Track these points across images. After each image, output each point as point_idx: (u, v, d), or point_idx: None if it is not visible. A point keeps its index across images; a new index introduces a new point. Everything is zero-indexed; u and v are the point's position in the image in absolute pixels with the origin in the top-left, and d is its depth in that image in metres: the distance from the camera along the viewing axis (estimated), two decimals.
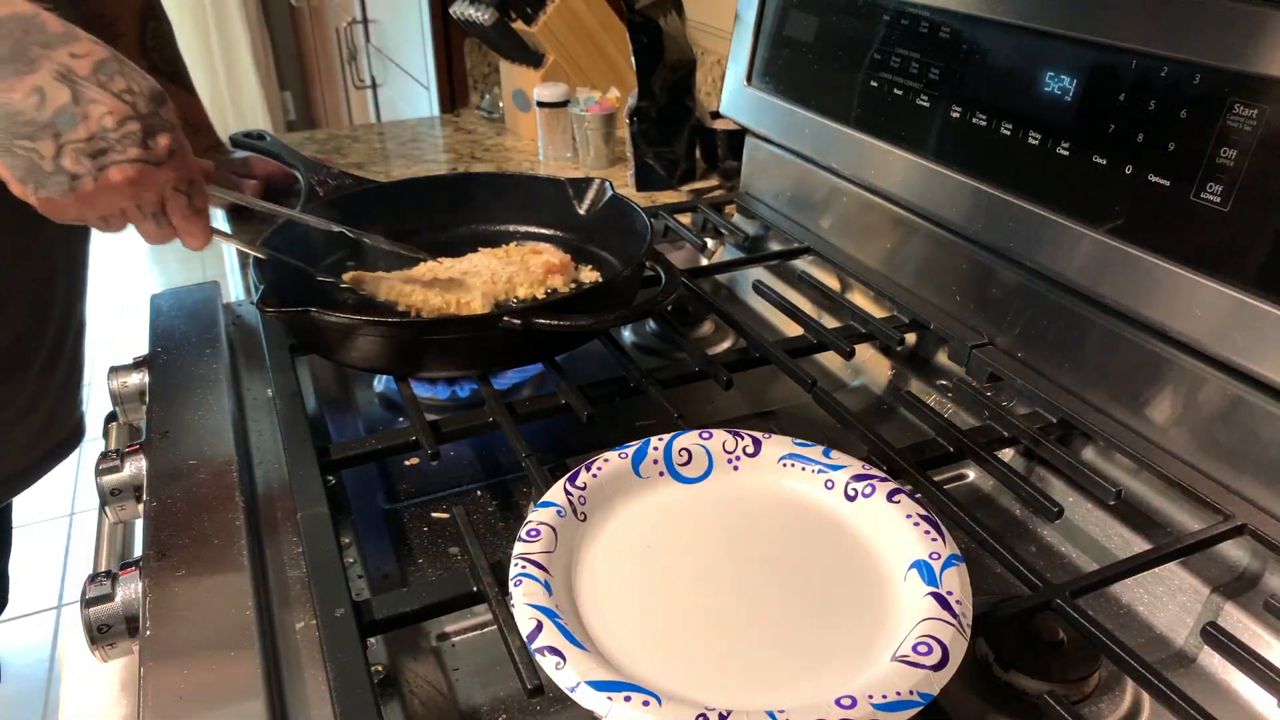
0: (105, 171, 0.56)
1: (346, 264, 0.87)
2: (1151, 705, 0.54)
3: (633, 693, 0.41)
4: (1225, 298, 0.57)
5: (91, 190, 0.56)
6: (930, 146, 0.79)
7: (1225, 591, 0.58)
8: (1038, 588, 0.54)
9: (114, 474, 0.67)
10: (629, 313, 0.74)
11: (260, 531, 0.61)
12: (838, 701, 0.41)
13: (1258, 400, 0.57)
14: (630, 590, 0.50)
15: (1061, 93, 0.67)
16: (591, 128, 1.34)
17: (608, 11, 1.49)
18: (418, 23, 1.95)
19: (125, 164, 0.56)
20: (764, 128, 1.03)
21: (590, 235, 0.92)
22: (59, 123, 0.54)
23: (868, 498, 0.55)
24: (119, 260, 3.85)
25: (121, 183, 0.56)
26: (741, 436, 0.59)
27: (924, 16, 0.79)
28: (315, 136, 1.57)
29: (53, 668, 1.91)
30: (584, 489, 0.55)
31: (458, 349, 0.72)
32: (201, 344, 0.80)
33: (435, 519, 0.69)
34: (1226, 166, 0.56)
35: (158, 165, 0.57)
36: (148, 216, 0.61)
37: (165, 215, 0.62)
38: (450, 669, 0.57)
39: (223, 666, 0.50)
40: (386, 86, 2.49)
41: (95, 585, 0.56)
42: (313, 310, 0.69)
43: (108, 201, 0.57)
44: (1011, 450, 0.72)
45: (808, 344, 0.80)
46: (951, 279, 0.80)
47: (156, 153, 0.57)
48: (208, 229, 0.65)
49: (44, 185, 0.55)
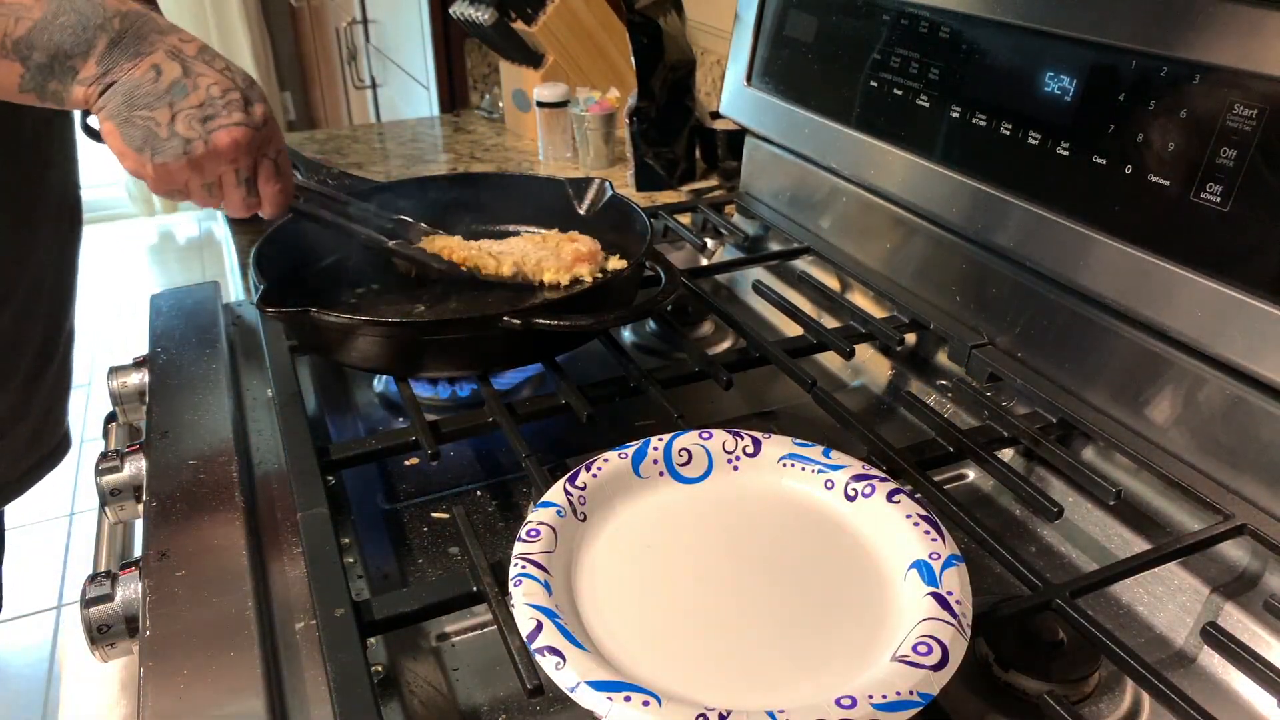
0: (214, 135, 0.62)
1: (347, 264, 0.87)
2: (1151, 705, 0.54)
3: (633, 693, 0.41)
4: (1225, 298, 0.57)
5: (201, 154, 0.62)
6: (930, 146, 0.79)
7: (1225, 591, 0.58)
8: (1038, 588, 0.54)
9: (114, 474, 0.67)
10: (629, 313, 0.74)
11: (260, 531, 0.61)
12: (838, 701, 0.41)
13: (1257, 400, 0.57)
14: (630, 590, 0.50)
15: (1061, 93, 0.67)
16: (591, 128, 1.34)
17: (608, 11, 1.49)
18: (418, 23, 1.95)
19: (231, 126, 0.63)
20: (764, 128, 1.03)
21: (590, 235, 0.92)
22: (173, 93, 0.61)
23: (867, 498, 0.55)
24: (119, 260, 3.85)
25: (228, 145, 0.63)
26: (741, 436, 0.59)
27: (924, 16, 0.79)
28: (315, 136, 1.57)
29: (53, 668, 1.91)
30: (584, 489, 0.55)
31: (458, 349, 0.72)
32: (201, 344, 0.80)
33: (435, 519, 0.69)
34: (1226, 166, 0.56)
35: (256, 130, 0.64)
36: (241, 183, 0.66)
37: (255, 182, 0.67)
38: (450, 669, 0.57)
39: (223, 666, 0.50)
40: (386, 86, 2.49)
41: (95, 585, 0.56)
42: (313, 310, 0.69)
43: (213, 166, 0.64)
44: (1011, 450, 0.72)
45: (808, 344, 0.80)
46: (951, 279, 0.80)
47: (255, 118, 0.64)
48: (287, 195, 0.70)
49: (160, 151, 0.62)
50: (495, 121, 1.68)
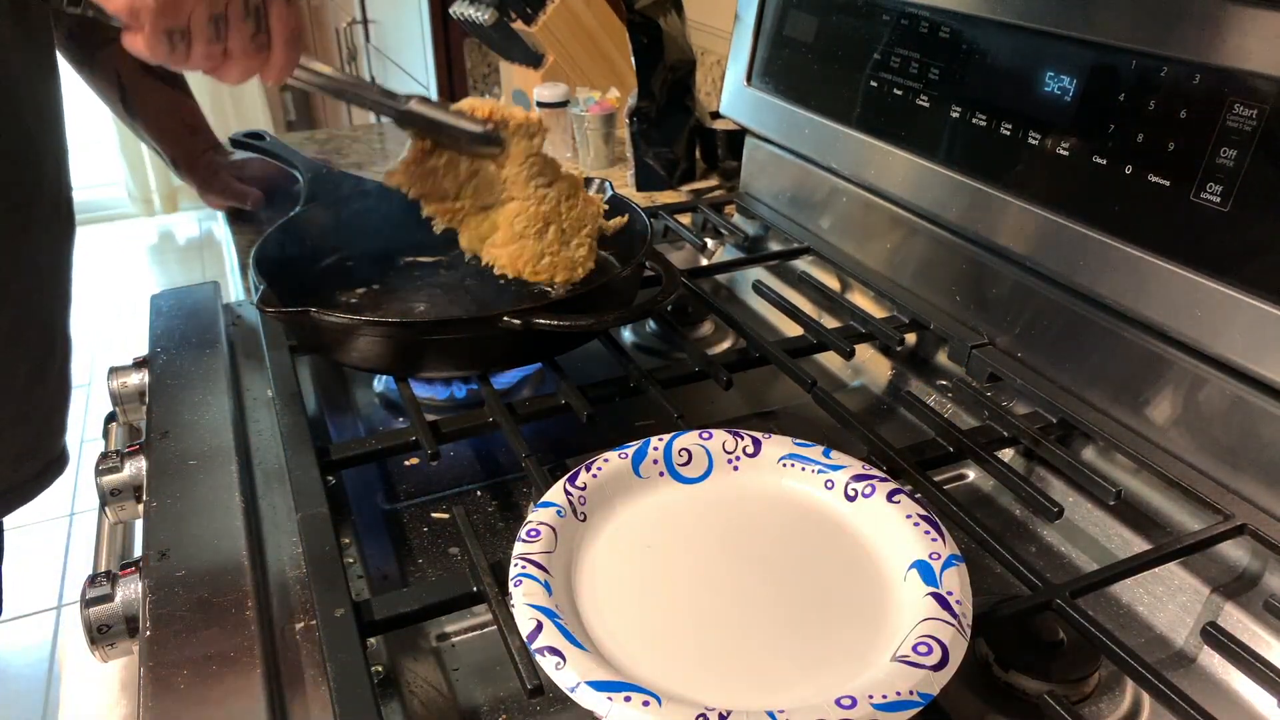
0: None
1: (347, 264, 0.87)
2: (1151, 705, 0.54)
3: (633, 693, 0.41)
4: (1225, 298, 0.57)
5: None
6: (930, 146, 0.79)
7: (1225, 591, 0.58)
8: (1038, 588, 0.54)
9: (114, 474, 0.67)
10: (629, 313, 0.74)
11: (260, 532, 0.61)
12: (838, 702, 0.41)
13: (1257, 400, 0.57)
14: (630, 590, 0.50)
15: (1061, 93, 0.67)
16: (591, 128, 1.34)
17: (607, 12, 1.49)
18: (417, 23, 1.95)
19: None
20: (764, 128, 1.03)
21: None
22: None
23: (868, 498, 0.55)
24: (119, 260, 3.85)
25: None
26: (741, 437, 0.59)
27: (924, 16, 0.79)
28: (315, 137, 1.57)
29: (53, 668, 1.91)
30: (584, 489, 0.55)
31: (458, 349, 0.72)
32: (201, 344, 0.80)
33: (435, 519, 0.69)
34: (1226, 166, 0.56)
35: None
36: (250, 13, 0.59)
37: (265, 20, 0.60)
38: (450, 669, 0.57)
39: (222, 667, 0.50)
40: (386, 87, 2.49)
41: (95, 586, 0.56)
42: (312, 310, 0.69)
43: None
44: (1011, 450, 0.72)
45: (808, 344, 0.80)
46: (951, 279, 0.80)
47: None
48: (298, 45, 0.63)
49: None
50: None
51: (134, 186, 4.12)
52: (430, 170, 0.76)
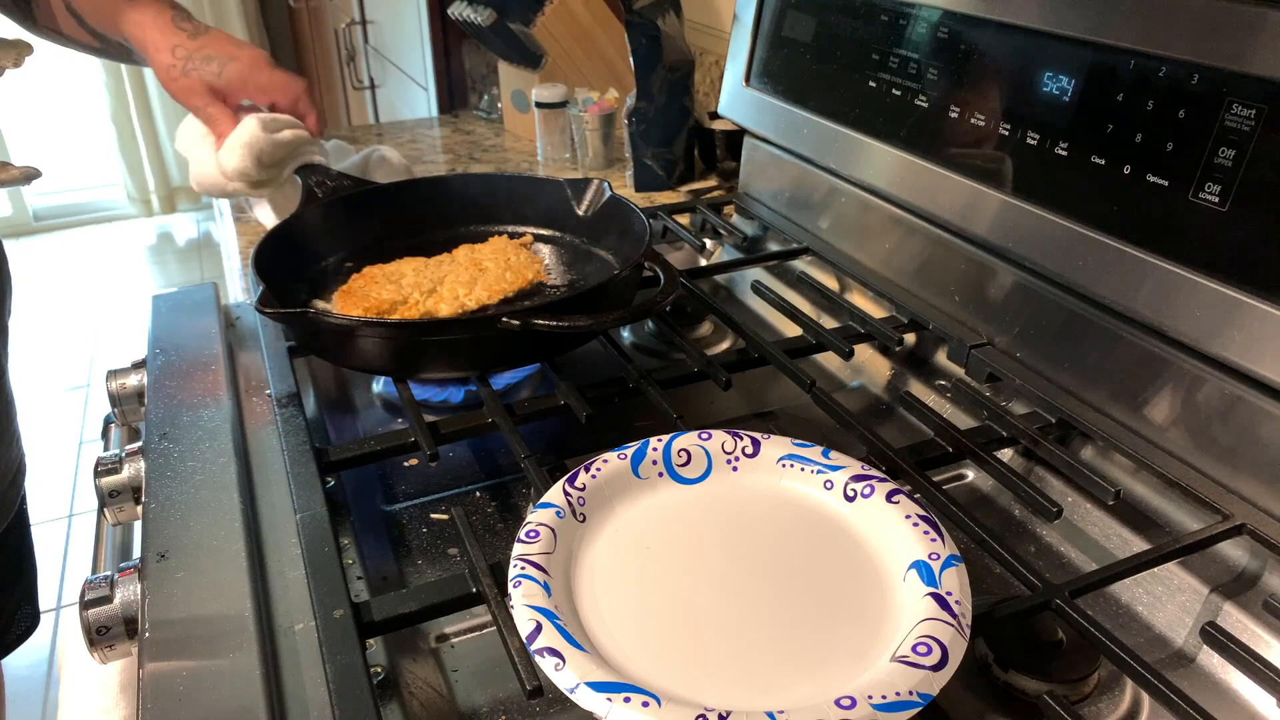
0: None
1: (346, 264, 0.87)
2: (1151, 705, 0.54)
3: (632, 693, 0.41)
4: (1224, 298, 0.57)
5: None
6: (929, 147, 0.79)
7: (1224, 591, 0.58)
8: (1037, 588, 0.54)
9: (113, 476, 0.67)
10: (628, 313, 0.74)
11: (260, 532, 0.61)
12: (837, 702, 0.41)
13: (1256, 400, 0.57)
14: (629, 591, 0.50)
15: (1060, 93, 0.67)
16: (590, 128, 1.34)
17: (606, 12, 1.49)
18: (416, 24, 1.95)
19: None
20: (762, 128, 1.03)
21: (589, 236, 0.92)
22: None
23: (867, 498, 0.55)
24: (118, 261, 3.85)
25: None
26: (740, 437, 0.59)
27: (923, 16, 0.79)
28: None
29: (52, 669, 1.91)
30: (583, 490, 0.55)
31: (456, 350, 0.72)
32: (201, 345, 0.80)
33: (434, 520, 0.69)
34: (1225, 166, 0.56)
35: None
36: None
37: None
38: (450, 670, 0.57)
39: (222, 668, 0.49)
40: (385, 87, 2.49)
41: (94, 587, 0.56)
42: (311, 311, 0.69)
43: None
44: (1010, 450, 0.72)
45: (807, 344, 0.80)
46: (950, 279, 0.81)
47: None
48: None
49: None
50: (494, 122, 1.68)
51: (132, 187, 4.11)
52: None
